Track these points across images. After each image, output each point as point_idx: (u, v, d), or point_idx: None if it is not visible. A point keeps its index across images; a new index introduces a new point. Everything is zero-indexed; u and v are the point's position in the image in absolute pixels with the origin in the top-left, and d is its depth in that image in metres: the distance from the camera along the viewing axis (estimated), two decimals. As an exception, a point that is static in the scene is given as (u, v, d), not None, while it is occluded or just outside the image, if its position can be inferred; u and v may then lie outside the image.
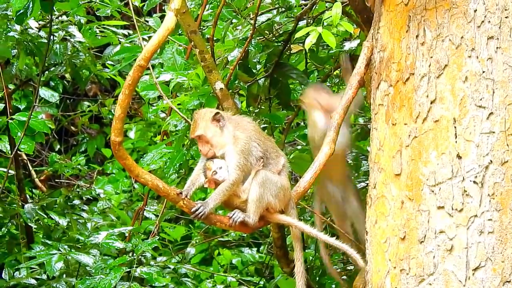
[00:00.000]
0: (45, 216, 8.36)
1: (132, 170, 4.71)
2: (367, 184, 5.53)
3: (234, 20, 7.01)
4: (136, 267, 6.69)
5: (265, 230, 9.14)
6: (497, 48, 4.67)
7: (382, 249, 4.87)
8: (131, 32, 9.37)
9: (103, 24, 8.60)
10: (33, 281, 7.44)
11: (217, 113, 5.02)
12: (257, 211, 4.97)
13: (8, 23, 7.83)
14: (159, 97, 7.16)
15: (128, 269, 6.65)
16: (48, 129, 7.47)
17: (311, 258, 8.08)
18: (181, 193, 4.88)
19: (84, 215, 8.69)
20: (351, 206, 6.23)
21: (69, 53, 8.24)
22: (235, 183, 4.96)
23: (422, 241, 4.70)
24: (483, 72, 4.66)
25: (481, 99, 4.65)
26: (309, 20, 6.99)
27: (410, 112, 4.80)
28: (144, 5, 7.38)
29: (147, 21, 8.30)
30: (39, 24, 8.26)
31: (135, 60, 6.95)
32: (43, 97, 9.67)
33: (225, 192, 4.95)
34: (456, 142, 4.66)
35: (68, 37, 8.25)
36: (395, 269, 4.78)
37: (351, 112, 5.88)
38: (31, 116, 7.30)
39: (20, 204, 8.64)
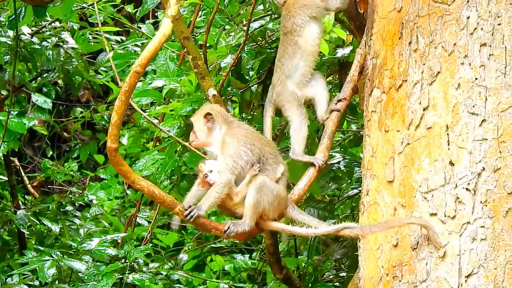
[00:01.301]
0: (38, 222, 8.34)
1: (128, 176, 4.68)
2: (360, 191, 5.52)
3: (227, 27, 7.01)
4: (129, 274, 6.69)
5: (257, 237, 9.13)
6: (489, 55, 4.67)
7: (374, 256, 4.86)
8: (124, 38, 9.36)
9: (96, 30, 8.60)
10: (25, 288, 7.43)
11: (209, 113, 5.04)
12: (253, 216, 4.95)
13: (1, 29, 7.83)
14: (152, 103, 7.16)
15: (121, 276, 6.64)
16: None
17: (303, 264, 8.07)
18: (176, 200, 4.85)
19: (77, 221, 8.66)
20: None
21: (62, 59, 8.23)
22: (225, 185, 4.93)
23: (414, 248, 4.69)
24: (476, 79, 4.66)
25: (473, 106, 4.65)
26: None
27: (402, 119, 4.80)
28: (137, 11, 7.39)
29: (140, 28, 8.30)
30: (31, 30, 8.26)
31: (128, 66, 7.00)
32: (35, 103, 9.66)
33: (216, 195, 4.92)
34: (448, 149, 4.66)
35: (61, 43, 8.24)
36: (388, 276, 4.78)
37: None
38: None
39: (13, 210, 8.63)
